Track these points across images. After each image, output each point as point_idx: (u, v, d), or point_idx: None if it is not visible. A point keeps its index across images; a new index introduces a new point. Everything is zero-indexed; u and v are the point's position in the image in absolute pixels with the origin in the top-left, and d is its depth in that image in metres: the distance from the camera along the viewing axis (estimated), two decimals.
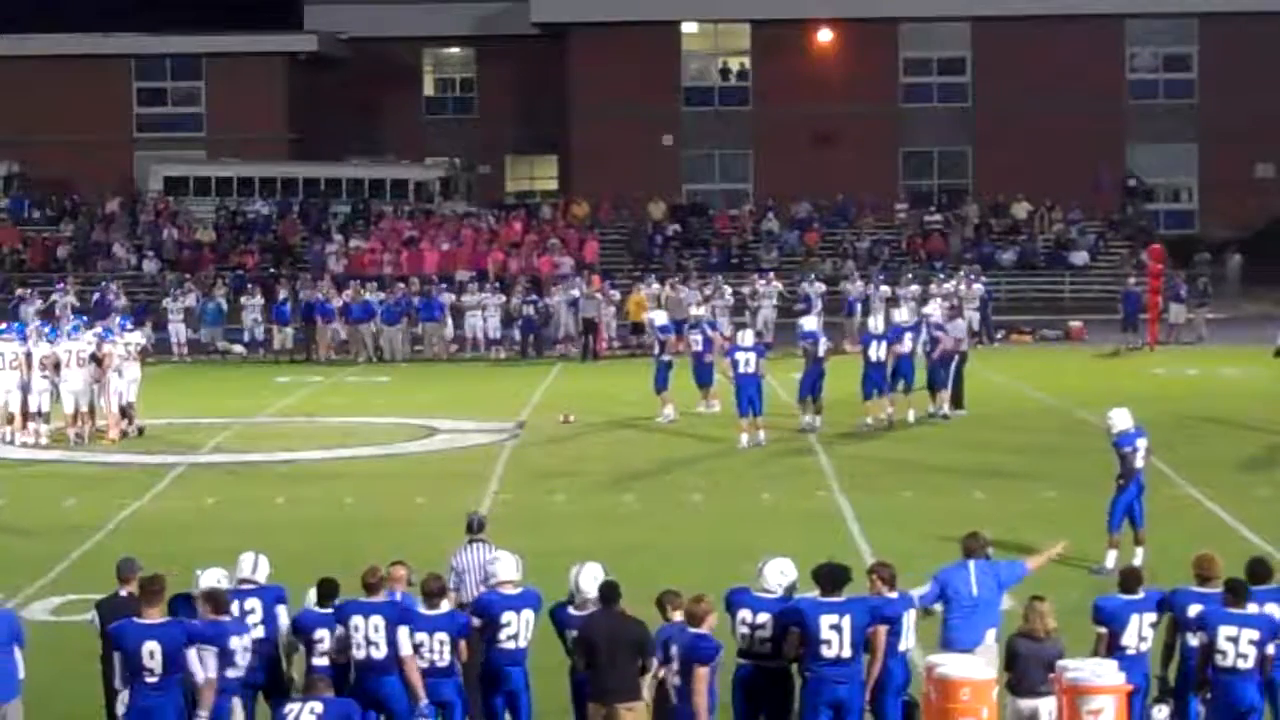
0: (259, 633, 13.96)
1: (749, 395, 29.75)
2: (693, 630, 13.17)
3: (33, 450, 30.65)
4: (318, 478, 27.96)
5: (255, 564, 14.48)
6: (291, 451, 30.40)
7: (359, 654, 13.64)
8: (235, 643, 13.36)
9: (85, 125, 66.46)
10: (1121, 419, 20.29)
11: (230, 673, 13.29)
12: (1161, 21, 66.00)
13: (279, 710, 12.80)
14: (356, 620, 13.63)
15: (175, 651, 13.01)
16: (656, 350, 34.14)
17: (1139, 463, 20.15)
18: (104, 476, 28.27)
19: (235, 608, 13.88)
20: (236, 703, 13.50)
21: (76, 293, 49.54)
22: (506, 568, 14.23)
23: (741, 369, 29.78)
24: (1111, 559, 19.72)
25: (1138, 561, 18.87)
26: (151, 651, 12.99)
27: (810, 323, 33.43)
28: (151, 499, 26.25)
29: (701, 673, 13.01)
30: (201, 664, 13.13)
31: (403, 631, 13.57)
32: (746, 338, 31.21)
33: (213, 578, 14.13)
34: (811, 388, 31.29)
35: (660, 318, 36.30)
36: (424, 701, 13.60)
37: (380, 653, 13.59)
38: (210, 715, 13.15)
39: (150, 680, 13.02)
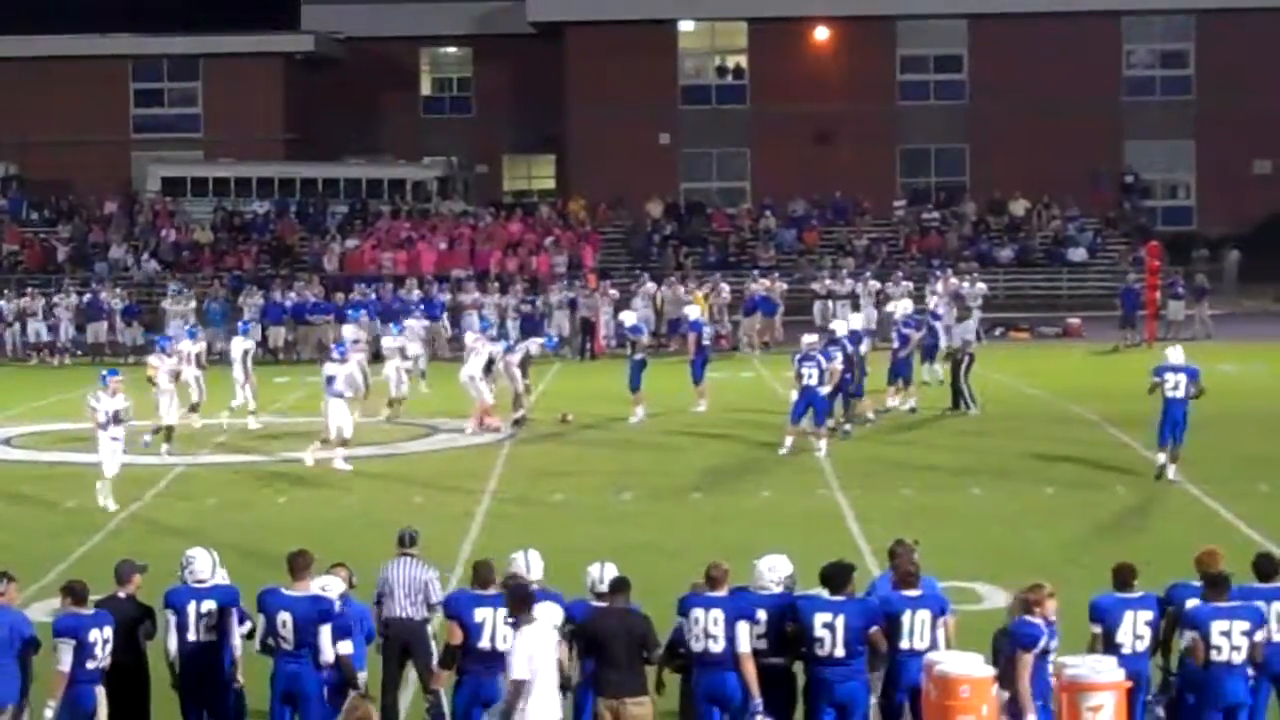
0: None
1: (807, 402, 28.67)
2: (1024, 617, 13.12)
3: (32, 450, 30.69)
4: (318, 478, 27.97)
5: (213, 566, 14.38)
6: (291, 451, 30.41)
7: (484, 644, 13.64)
8: (94, 635, 13.54)
9: (83, 126, 66.50)
10: (1171, 354, 26.26)
11: (90, 664, 13.52)
12: (1159, 18, 66.07)
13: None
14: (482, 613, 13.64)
15: (307, 625, 13.71)
16: (630, 350, 34.13)
17: (1168, 393, 25.63)
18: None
19: (191, 609, 14.04)
20: (100, 692, 13.63)
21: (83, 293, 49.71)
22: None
23: (805, 380, 28.56)
24: (1160, 460, 25.79)
25: (1171, 474, 25.58)
26: (284, 621, 13.74)
27: (842, 327, 31.56)
28: (152, 499, 26.28)
29: (1025, 659, 12.94)
30: (58, 656, 13.44)
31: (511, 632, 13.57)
32: (814, 346, 29.27)
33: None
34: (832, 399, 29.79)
35: (629, 318, 36.28)
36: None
37: (498, 647, 13.55)
38: (71, 706, 13.43)
39: (286, 648, 13.78)
